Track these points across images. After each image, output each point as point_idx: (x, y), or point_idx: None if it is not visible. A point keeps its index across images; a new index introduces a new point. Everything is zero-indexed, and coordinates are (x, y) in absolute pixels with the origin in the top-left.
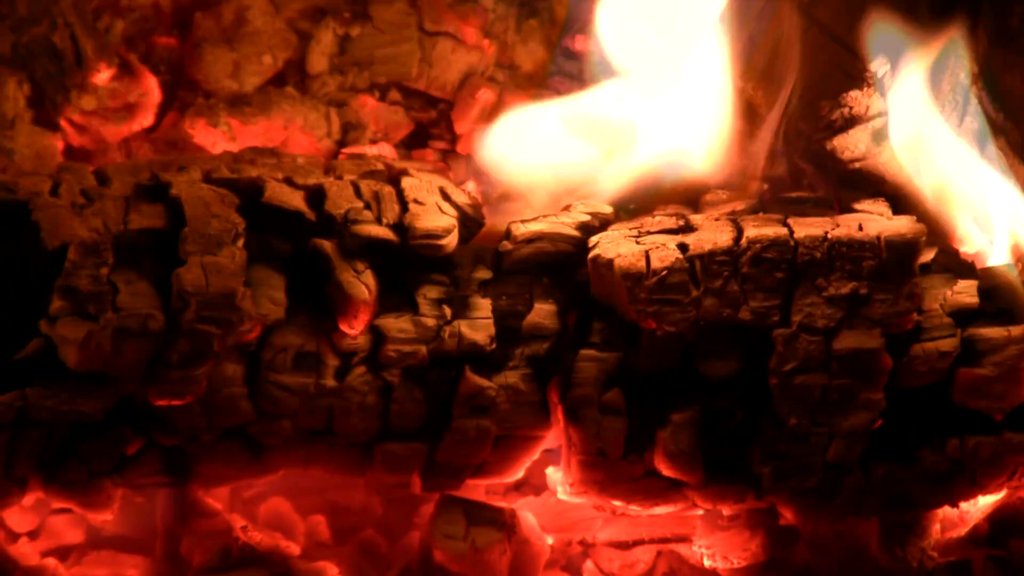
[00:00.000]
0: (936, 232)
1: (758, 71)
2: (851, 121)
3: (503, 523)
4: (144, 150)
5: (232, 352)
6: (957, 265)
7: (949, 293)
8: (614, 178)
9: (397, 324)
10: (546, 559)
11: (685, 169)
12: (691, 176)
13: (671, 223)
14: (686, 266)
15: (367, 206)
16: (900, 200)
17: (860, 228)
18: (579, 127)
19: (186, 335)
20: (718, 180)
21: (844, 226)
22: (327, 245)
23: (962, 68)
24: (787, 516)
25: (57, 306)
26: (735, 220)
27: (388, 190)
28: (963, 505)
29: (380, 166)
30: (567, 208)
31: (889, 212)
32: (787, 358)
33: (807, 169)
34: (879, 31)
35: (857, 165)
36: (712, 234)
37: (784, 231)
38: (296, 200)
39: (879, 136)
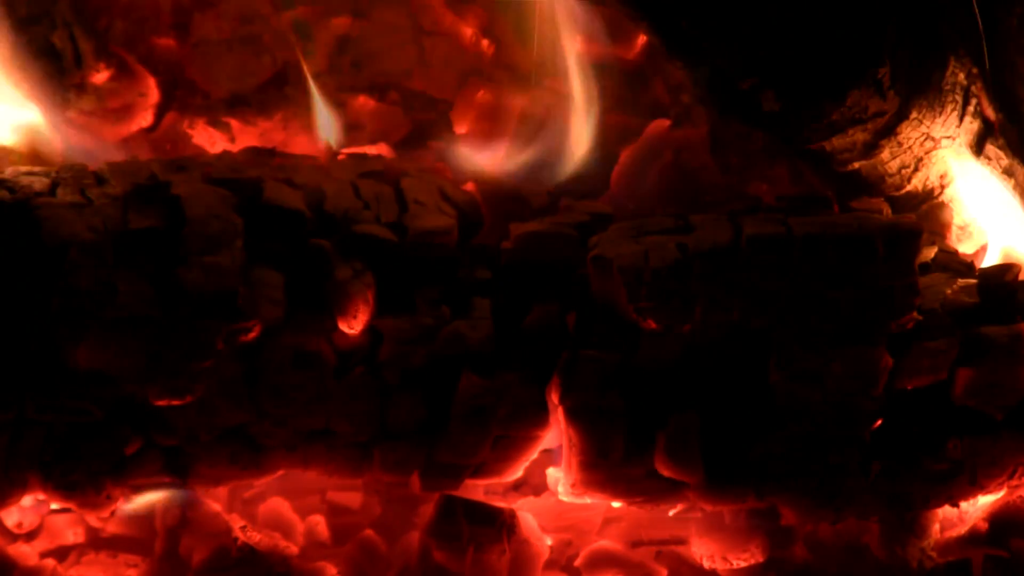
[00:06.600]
0: (935, 231)
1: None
2: (851, 121)
3: (502, 523)
4: (143, 150)
5: (232, 352)
6: (957, 264)
7: (949, 292)
8: None
9: (396, 324)
10: (545, 559)
11: None
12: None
13: (670, 222)
14: (686, 265)
15: (366, 206)
16: (899, 199)
17: (859, 227)
18: None
19: (186, 335)
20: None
21: (843, 225)
22: (326, 245)
23: (962, 68)
24: (787, 516)
25: (57, 306)
26: (734, 219)
27: (387, 190)
28: (963, 505)
29: (380, 166)
30: (567, 208)
31: (888, 211)
32: (787, 357)
33: (807, 169)
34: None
35: (857, 165)
36: (712, 233)
37: (783, 230)
38: (295, 200)
39: (879, 136)
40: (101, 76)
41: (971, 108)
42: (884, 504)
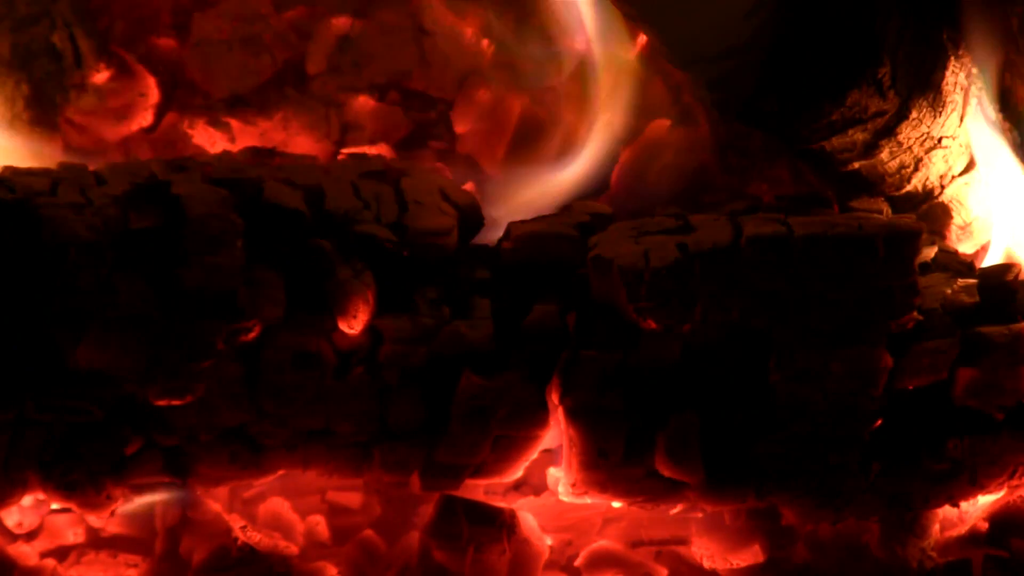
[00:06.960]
0: (935, 231)
1: None
2: (851, 121)
3: (502, 523)
4: (143, 150)
5: (232, 352)
6: (957, 264)
7: (949, 292)
8: None
9: (396, 324)
10: (545, 559)
11: None
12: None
13: (670, 223)
14: (686, 265)
15: (366, 206)
16: (899, 199)
17: (859, 227)
18: None
19: (186, 335)
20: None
21: (843, 225)
22: (326, 245)
23: (962, 68)
24: (787, 516)
25: (57, 306)
26: (734, 219)
27: (387, 190)
28: (963, 505)
29: (380, 166)
30: (567, 208)
31: (888, 211)
32: (787, 357)
33: (807, 169)
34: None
35: (857, 165)
36: (711, 233)
37: (783, 230)
38: (295, 200)
39: (879, 136)
40: (101, 76)
41: (971, 108)
42: (884, 504)
